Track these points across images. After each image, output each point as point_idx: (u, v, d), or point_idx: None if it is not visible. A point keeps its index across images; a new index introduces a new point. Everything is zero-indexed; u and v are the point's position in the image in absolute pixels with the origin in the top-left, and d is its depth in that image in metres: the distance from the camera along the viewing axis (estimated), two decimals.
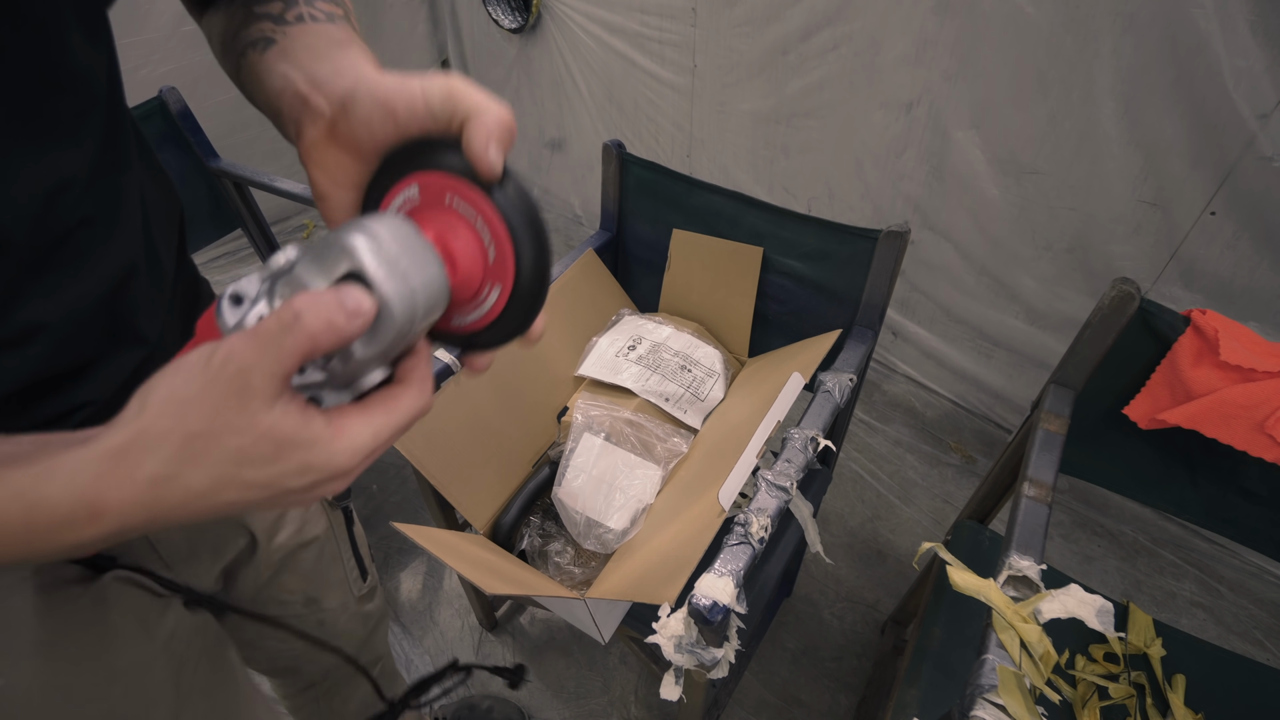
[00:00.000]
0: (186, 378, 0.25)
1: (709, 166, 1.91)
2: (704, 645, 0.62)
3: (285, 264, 0.28)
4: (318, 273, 0.27)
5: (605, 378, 1.01)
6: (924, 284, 1.64)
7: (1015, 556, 0.64)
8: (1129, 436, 0.85)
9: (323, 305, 0.25)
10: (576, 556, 0.88)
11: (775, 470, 0.71)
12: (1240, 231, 1.14)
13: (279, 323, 0.25)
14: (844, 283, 0.94)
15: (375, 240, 0.27)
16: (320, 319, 0.25)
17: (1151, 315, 0.78)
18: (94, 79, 0.35)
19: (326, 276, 0.27)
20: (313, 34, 0.39)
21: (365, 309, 0.26)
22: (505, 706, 1.15)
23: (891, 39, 1.36)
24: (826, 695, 1.21)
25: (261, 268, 0.28)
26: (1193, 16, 1.02)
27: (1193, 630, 0.99)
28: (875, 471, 1.61)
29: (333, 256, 0.27)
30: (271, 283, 0.28)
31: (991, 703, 0.53)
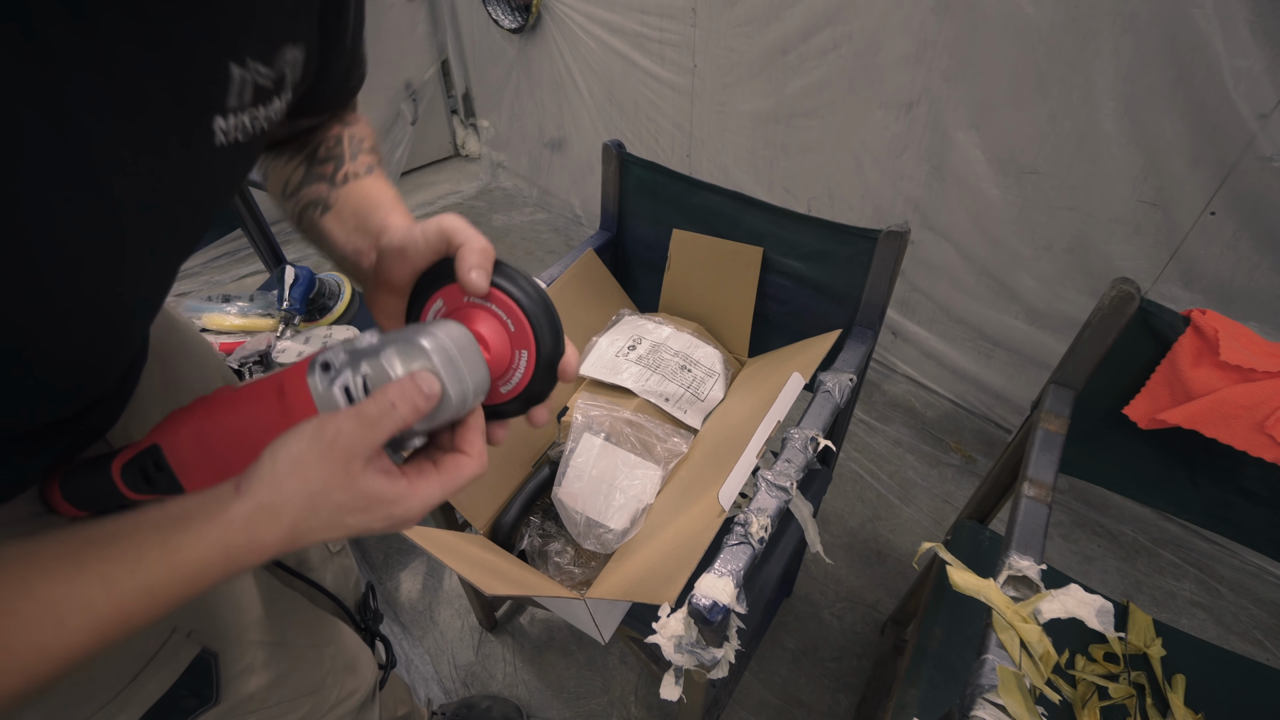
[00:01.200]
0: (306, 447, 0.33)
1: (709, 166, 1.91)
2: (704, 645, 0.62)
3: (368, 346, 0.36)
4: (400, 364, 0.35)
5: (605, 377, 1.01)
6: (924, 284, 1.64)
7: (1015, 556, 0.64)
8: (1129, 436, 0.85)
9: (409, 395, 0.34)
10: (576, 556, 0.88)
11: (775, 470, 0.71)
12: (1240, 231, 1.14)
13: (379, 409, 0.34)
14: (844, 283, 0.94)
15: (441, 346, 0.36)
16: (409, 406, 0.34)
17: (1151, 315, 0.78)
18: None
19: (405, 367, 0.35)
20: (355, 196, 0.50)
21: (436, 392, 0.35)
22: (505, 706, 1.15)
23: (891, 39, 1.37)
24: (826, 695, 1.21)
25: (345, 342, 0.37)
26: (1193, 16, 1.02)
27: (1193, 630, 0.99)
28: (875, 471, 1.61)
29: (413, 354, 0.36)
30: (353, 358, 0.36)
31: (991, 703, 0.53)
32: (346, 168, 0.52)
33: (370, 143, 0.56)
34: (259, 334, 1.21)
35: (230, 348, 1.17)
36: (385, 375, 0.35)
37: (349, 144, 0.54)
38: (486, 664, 1.26)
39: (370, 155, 0.54)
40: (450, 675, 1.25)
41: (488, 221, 2.57)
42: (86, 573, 0.30)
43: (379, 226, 0.46)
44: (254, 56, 0.38)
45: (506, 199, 2.71)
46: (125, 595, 0.30)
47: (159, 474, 0.40)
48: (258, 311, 1.26)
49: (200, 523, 0.32)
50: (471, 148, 2.99)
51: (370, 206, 0.48)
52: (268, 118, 0.40)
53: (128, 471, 0.41)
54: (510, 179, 2.74)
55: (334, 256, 0.50)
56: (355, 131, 0.55)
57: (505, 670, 1.25)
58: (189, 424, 0.40)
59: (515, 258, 2.37)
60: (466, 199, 2.70)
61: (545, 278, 1.04)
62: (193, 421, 0.40)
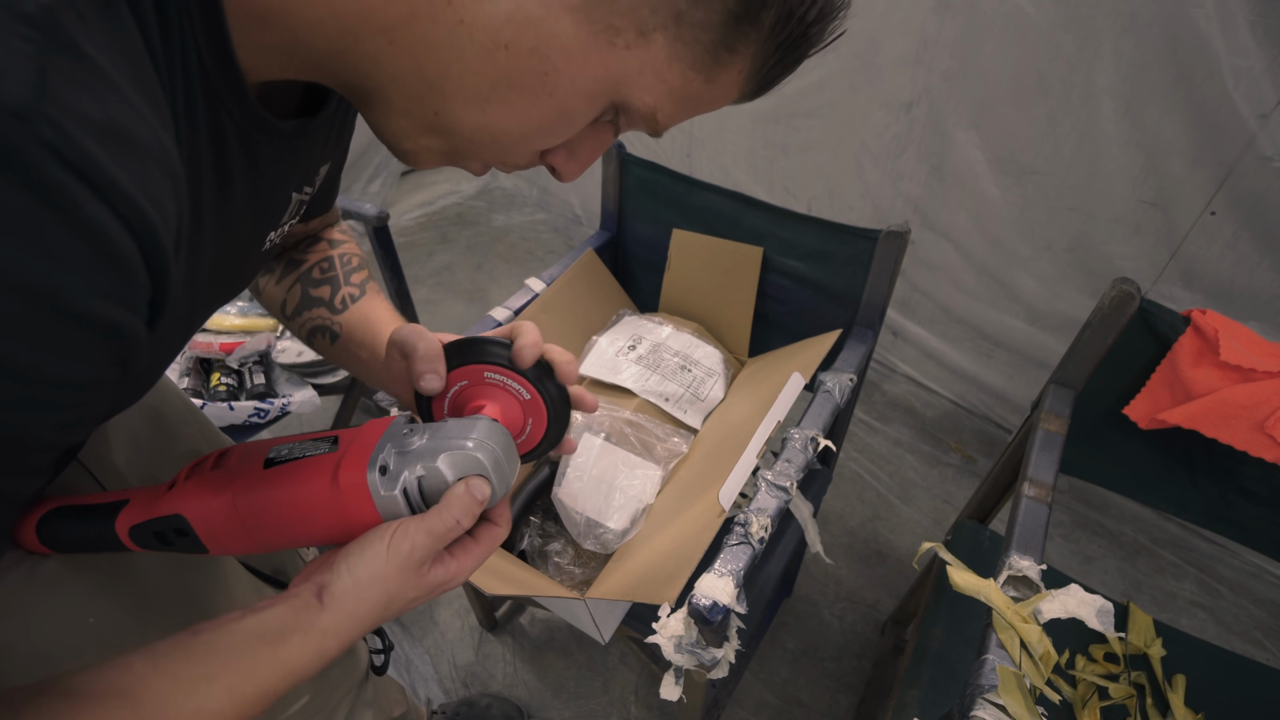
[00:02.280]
0: (383, 564, 0.38)
1: (709, 166, 1.91)
2: (704, 645, 0.62)
3: (420, 449, 0.40)
4: (454, 472, 0.40)
5: (605, 377, 1.01)
6: (924, 284, 1.64)
7: (1015, 556, 0.64)
8: (1129, 436, 0.85)
9: (469, 507, 0.40)
10: (576, 556, 0.88)
11: (775, 470, 0.71)
12: (1240, 231, 1.14)
13: (445, 526, 0.39)
14: (844, 283, 0.94)
15: (492, 454, 0.41)
16: (470, 516, 0.40)
17: (1151, 315, 0.78)
18: None
19: (460, 473, 0.40)
20: (357, 319, 0.57)
21: (488, 495, 0.40)
22: (505, 705, 1.15)
23: (891, 39, 1.37)
24: (826, 695, 1.21)
25: (394, 441, 0.41)
26: (1193, 16, 1.02)
27: (1193, 630, 0.99)
28: (875, 471, 1.61)
29: (466, 464, 0.40)
30: (406, 459, 0.40)
31: (991, 703, 0.53)
32: (344, 291, 0.58)
33: (357, 260, 0.61)
34: (259, 334, 1.21)
35: (230, 347, 1.17)
36: (440, 480, 0.40)
37: (341, 266, 0.60)
38: (486, 664, 1.26)
39: (360, 273, 0.60)
40: (450, 675, 1.24)
41: (488, 221, 2.57)
42: (214, 685, 0.33)
43: (380, 336, 0.55)
44: (307, 183, 0.45)
45: (506, 199, 2.71)
46: (244, 701, 0.34)
47: (180, 539, 0.41)
48: (258, 311, 1.26)
49: (300, 636, 0.36)
50: None
51: (372, 324, 0.56)
52: (294, 223, 0.47)
53: (139, 533, 0.41)
54: (510, 179, 2.74)
55: (349, 368, 0.58)
56: (344, 252, 0.61)
57: (505, 670, 1.25)
58: (221, 498, 0.40)
59: (515, 258, 2.37)
60: (466, 199, 2.70)
61: (545, 278, 1.04)
62: (226, 496, 0.40)
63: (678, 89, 0.35)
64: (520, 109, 0.33)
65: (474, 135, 0.35)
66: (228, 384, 1.15)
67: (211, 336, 1.20)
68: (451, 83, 0.32)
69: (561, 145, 0.39)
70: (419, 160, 0.38)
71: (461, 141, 0.35)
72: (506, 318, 0.96)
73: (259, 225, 0.41)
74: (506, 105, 0.33)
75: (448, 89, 0.32)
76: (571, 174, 0.41)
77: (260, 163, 0.36)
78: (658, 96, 0.35)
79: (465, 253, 2.38)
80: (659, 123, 0.37)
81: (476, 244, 2.43)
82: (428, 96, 0.33)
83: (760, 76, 0.36)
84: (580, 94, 0.33)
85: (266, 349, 1.20)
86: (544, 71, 0.32)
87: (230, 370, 1.17)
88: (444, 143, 0.36)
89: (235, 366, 1.18)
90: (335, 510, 0.39)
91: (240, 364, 1.18)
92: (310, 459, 0.41)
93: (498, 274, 2.28)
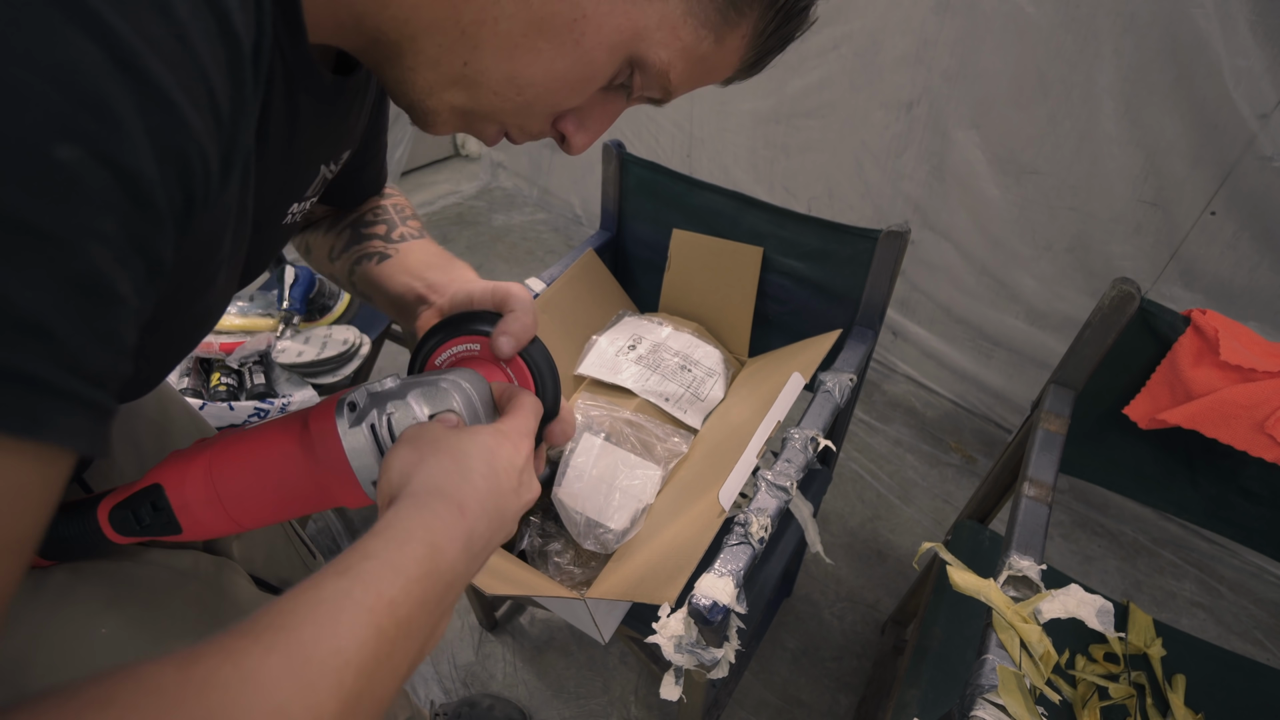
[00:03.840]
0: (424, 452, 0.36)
1: (709, 166, 1.91)
2: (704, 645, 0.62)
3: (391, 389, 0.39)
4: (426, 407, 0.39)
5: (605, 377, 1.01)
6: (924, 284, 1.64)
7: (1015, 556, 0.64)
8: (1129, 436, 0.85)
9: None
10: (576, 556, 0.88)
11: (775, 470, 0.71)
12: (1240, 231, 1.14)
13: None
14: (844, 283, 0.94)
15: (465, 393, 0.40)
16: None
17: (1151, 315, 0.78)
18: None
19: (432, 409, 0.39)
20: (420, 250, 0.56)
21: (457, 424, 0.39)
22: (506, 706, 1.15)
23: (891, 39, 1.36)
24: (826, 695, 1.21)
25: (366, 384, 0.40)
26: (1193, 16, 1.02)
27: (1193, 630, 0.99)
28: (875, 471, 1.61)
29: (438, 397, 0.39)
30: (376, 399, 0.38)
31: (991, 703, 0.53)
32: (400, 229, 0.58)
33: (411, 211, 0.61)
34: (259, 334, 1.21)
35: (230, 347, 1.17)
36: (411, 416, 0.38)
37: (394, 211, 0.60)
38: (486, 664, 1.26)
39: (416, 221, 0.60)
40: (450, 675, 1.25)
41: (488, 221, 2.56)
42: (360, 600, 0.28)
43: (456, 276, 0.52)
44: (334, 158, 0.45)
45: (506, 199, 2.71)
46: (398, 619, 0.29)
47: (156, 515, 0.39)
48: (257, 311, 1.26)
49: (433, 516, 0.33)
50: (472, 147, 2.99)
51: (444, 259, 0.55)
52: (314, 202, 0.47)
53: (118, 513, 0.40)
54: (510, 179, 2.74)
55: (386, 298, 0.54)
56: (396, 201, 0.62)
57: (505, 670, 1.25)
58: (196, 463, 0.39)
59: (515, 257, 2.37)
60: (466, 199, 2.70)
61: (545, 278, 1.04)
62: (201, 461, 0.39)
63: (690, 47, 0.37)
64: (547, 57, 0.35)
65: (500, 87, 0.36)
66: (228, 384, 1.15)
67: (211, 336, 1.20)
68: (486, 28, 0.33)
69: (573, 112, 0.40)
70: (438, 120, 0.38)
71: (486, 94, 0.36)
72: None
73: (285, 192, 0.41)
74: (535, 53, 0.34)
75: (481, 35, 0.33)
76: (580, 144, 0.42)
77: (300, 117, 0.36)
78: (672, 53, 0.37)
79: (465, 253, 2.38)
80: (670, 83, 0.38)
81: (476, 244, 2.43)
82: (460, 45, 0.34)
83: (759, 44, 0.39)
84: (604, 44, 0.35)
85: (266, 349, 1.20)
86: (573, 18, 0.33)
87: (230, 370, 1.17)
88: (468, 98, 0.37)
89: (235, 366, 1.18)
90: (305, 460, 0.38)
91: (240, 364, 1.18)
92: (279, 419, 0.40)
93: (498, 274, 2.28)
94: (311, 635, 0.25)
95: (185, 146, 0.23)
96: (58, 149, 0.19)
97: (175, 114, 0.22)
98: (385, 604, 0.28)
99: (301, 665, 0.24)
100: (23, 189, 0.18)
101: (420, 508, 0.32)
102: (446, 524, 0.32)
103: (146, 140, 0.21)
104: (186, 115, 0.22)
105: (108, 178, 0.20)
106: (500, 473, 0.37)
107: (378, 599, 0.28)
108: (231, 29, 0.24)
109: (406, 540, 0.30)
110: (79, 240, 0.20)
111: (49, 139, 0.19)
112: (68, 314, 0.20)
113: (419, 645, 0.30)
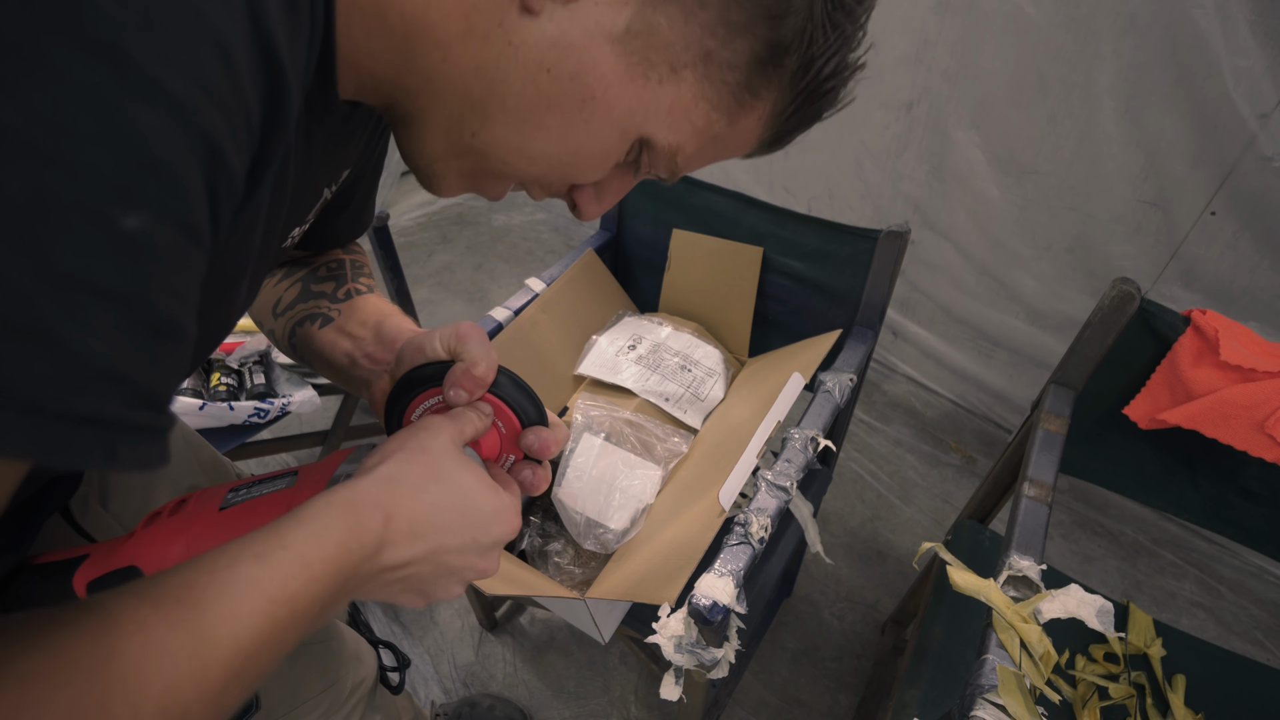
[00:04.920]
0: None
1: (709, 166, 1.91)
2: (704, 645, 0.62)
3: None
4: None
5: (605, 377, 1.01)
6: (924, 284, 1.64)
7: (1015, 556, 0.64)
8: (1129, 436, 0.85)
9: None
10: (576, 556, 0.88)
11: (775, 470, 0.71)
12: (1240, 231, 1.14)
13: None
14: (844, 283, 0.94)
15: None
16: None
17: (1151, 315, 0.78)
18: None
19: None
20: (362, 308, 0.53)
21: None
22: (506, 706, 1.15)
23: (891, 39, 1.36)
24: (826, 695, 1.21)
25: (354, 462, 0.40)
26: (1193, 16, 1.02)
27: (1193, 630, 0.99)
28: (875, 471, 1.61)
29: None
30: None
31: (991, 703, 0.53)
32: (349, 285, 0.56)
33: (368, 269, 0.60)
34: (259, 334, 1.21)
35: (230, 347, 1.17)
36: None
37: (350, 267, 0.58)
38: (486, 664, 1.26)
39: (369, 279, 0.58)
40: (450, 675, 1.24)
41: (488, 221, 2.56)
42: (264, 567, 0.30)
43: (395, 331, 0.50)
44: (335, 182, 0.44)
45: (506, 198, 2.70)
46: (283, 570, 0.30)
47: None
48: None
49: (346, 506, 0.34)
50: None
51: (383, 315, 0.53)
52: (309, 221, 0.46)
53: (96, 589, 0.39)
54: None
55: (327, 363, 0.52)
56: (356, 258, 0.60)
57: (505, 670, 1.25)
58: (175, 545, 0.38)
59: (515, 257, 2.37)
60: (466, 199, 2.70)
61: (545, 278, 1.04)
62: (180, 543, 0.38)
63: (701, 129, 0.36)
64: (557, 135, 0.35)
65: (509, 157, 0.36)
66: (228, 384, 1.15)
67: None
68: (494, 103, 0.33)
69: (590, 185, 0.40)
70: (444, 183, 0.39)
71: (494, 163, 0.36)
72: (506, 318, 0.96)
73: (290, 216, 0.41)
74: (544, 130, 0.34)
75: (490, 109, 0.34)
76: (593, 214, 0.42)
77: (313, 141, 0.36)
78: (682, 136, 0.36)
79: (465, 253, 2.38)
80: (677, 164, 0.38)
81: (476, 244, 2.43)
82: (469, 117, 0.34)
83: (778, 124, 0.38)
84: (614, 125, 0.35)
85: (266, 349, 1.20)
86: (582, 99, 0.33)
87: (230, 370, 1.17)
88: (474, 164, 0.37)
89: (235, 366, 1.18)
90: None
91: (240, 364, 1.18)
92: (266, 496, 0.40)
93: (498, 274, 2.28)
94: (215, 618, 0.27)
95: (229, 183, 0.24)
96: (126, 218, 0.20)
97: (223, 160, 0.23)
98: (287, 597, 0.29)
99: (200, 646, 0.26)
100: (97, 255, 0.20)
101: (350, 507, 0.33)
102: (368, 530, 0.33)
103: (204, 192, 0.22)
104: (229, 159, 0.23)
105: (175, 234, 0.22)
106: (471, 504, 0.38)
107: (281, 591, 0.29)
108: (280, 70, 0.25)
109: (323, 539, 0.31)
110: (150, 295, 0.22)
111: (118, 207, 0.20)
112: (141, 360, 0.22)
113: (304, 632, 0.31)
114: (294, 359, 0.57)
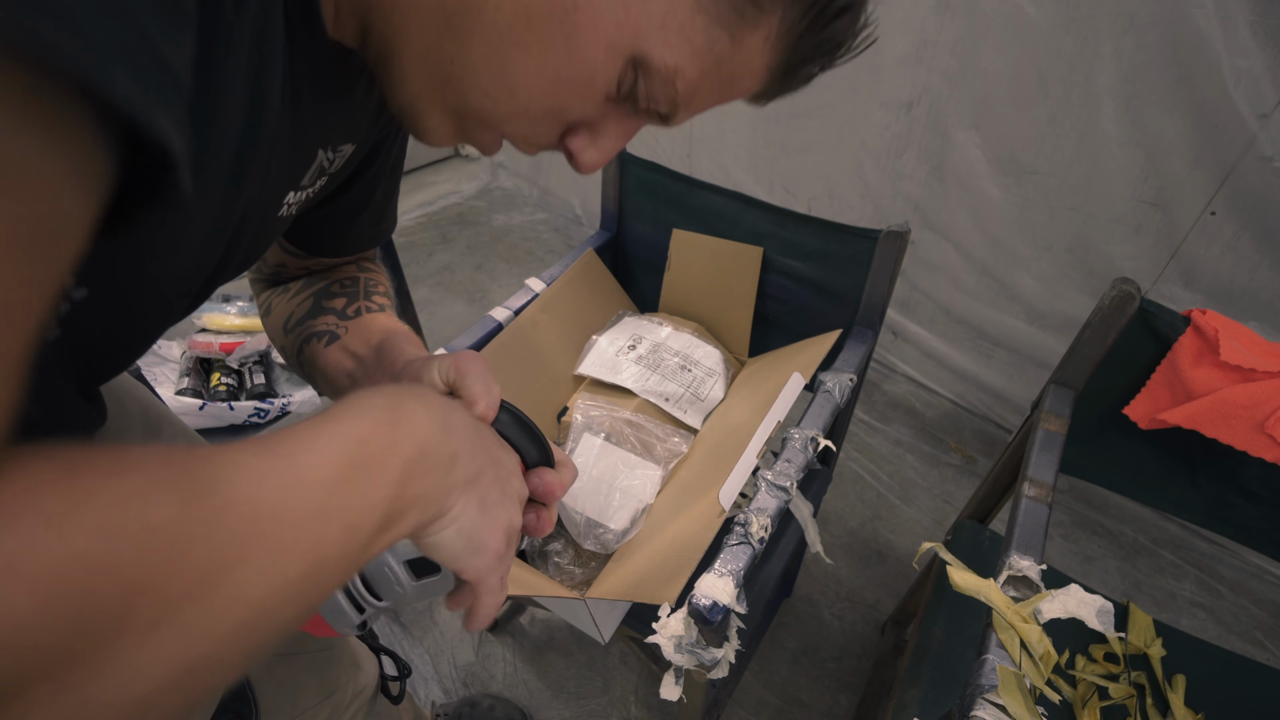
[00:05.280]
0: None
1: (709, 166, 1.91)
2: (704, 645, 0.62)
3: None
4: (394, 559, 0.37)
5: (605, 377, 1.01)
6: (924, 284, 1.64)
7: (1015, 556, 0.64)
8: (1129, 436, 0.85)
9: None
10: (576, 556, 0.88)
11: (775, 470, 0.71)
12: (1240, 231, 1.14)
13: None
14: (844, 283, 0.94)
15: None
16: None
17: (1151, 315, 0.78)
18: None
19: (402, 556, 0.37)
20: (369, 327, 0.51)
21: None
22: (507, 706, 1.15)
23: (891, 39, 1.36)
24: (826, 695, 1.21)
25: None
26: (1193, 16, 1.02)
27: (1193, 630, 0.99)
28: (875, 471, 1.61)
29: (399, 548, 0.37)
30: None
31: (991, 703, 0.53)
32: (360, 303, 0.54)
33: (384, 288, 0.57)
34: (259, 334, 1.21)
35: (230, 347, 1.17)
36: (381, 568, 0.37)
37: (364, 285, 0.56)
38: (486, 664, 1.26)
39: (383, 298, 0.56)
40: (450, 675, 1.24)
41: (488, 221, 2.56)
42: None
43: (395, 354, 0.48)
44: (332, 146, 0.42)
45: (506, 199, 2.70)
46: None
47: None
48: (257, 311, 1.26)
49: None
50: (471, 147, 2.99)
51: (387, 334, 0.50)
52: (309, 197, 0.44)
53: None
54: (510, 179, 2.74)
55: (331, 384, 0.51)
56: (371, 277, 0.58)
57: (505, 670, 1.25)
58: None
59: (515, 258, 2.37)
60: (466, 199, 2.70)
61: (545, 278, 1.04)
62: None
63: (701, 49, 0.32)
64: (538, 53, 0.32)
65: (489, 87, 0.33)
66: (228, 384, 1.15)
67: (211, 336, 1.20)
68: (471, 19, 0.31)
69: (584, 126, 0.37)
70: (430, 125, 0.36)
71: (476, 96, 0.34)
72: (506, 318, 0.96)
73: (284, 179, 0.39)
74: (524, 49, 0.31)
75: (467, 26, 0.31)
76: (590, 162, 0.38)
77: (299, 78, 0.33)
78: (680, 55, 0.32)
79: (465, 253, 2.38)
80: (678, 93, 0.34)
81: (476, 244, 2.43)
82: (446, 39, 0.32)
83: (790, 47, 0.34)
84: (600, 40, 0.31)
85: (266, 349, 1.20)
86: (564, 8, 0.30)
87: (230, 370, 1.17)
88: (458, 100, 0.34)
89: (235, 366, 1.18)
90: None
91: (240, 364, 1.18)
92: None
93: (498, 274, 2.28)
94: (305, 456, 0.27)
95: None
96: None
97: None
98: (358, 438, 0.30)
99: (293, 467, 0.26)
100: None
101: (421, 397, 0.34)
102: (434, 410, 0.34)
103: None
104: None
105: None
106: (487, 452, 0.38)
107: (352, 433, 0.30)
108: None
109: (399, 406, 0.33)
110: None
111: None
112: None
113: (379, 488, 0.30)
114: (303, 377, 0.55)
